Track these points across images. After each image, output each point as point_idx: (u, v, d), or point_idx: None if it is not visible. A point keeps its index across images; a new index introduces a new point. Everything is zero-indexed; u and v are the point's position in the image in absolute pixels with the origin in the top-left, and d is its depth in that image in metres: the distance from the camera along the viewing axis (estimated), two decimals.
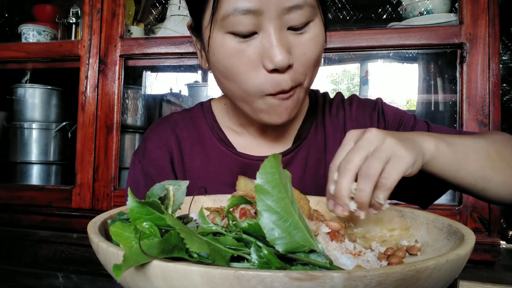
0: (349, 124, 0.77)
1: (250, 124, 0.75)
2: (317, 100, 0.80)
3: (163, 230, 0.36)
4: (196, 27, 0.66)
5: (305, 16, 0.57)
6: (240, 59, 0.58)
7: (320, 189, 0.69)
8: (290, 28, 0.58)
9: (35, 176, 1.67)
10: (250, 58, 0.58)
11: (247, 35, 0.57)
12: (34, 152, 1.65)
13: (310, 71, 0.62)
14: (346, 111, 0.78)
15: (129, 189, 0.36)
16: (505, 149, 0.61)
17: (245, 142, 0.76)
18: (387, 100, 1.66)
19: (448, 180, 0.57)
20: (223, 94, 0.81)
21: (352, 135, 0.50)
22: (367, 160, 0.45)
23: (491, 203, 0.92)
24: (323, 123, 0.78)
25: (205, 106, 0.81)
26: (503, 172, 0.58)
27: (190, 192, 0.48)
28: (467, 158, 0.56)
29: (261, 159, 0.70)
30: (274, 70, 0.58)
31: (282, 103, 0.61)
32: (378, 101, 0.80)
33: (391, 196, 0.48)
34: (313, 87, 0.70)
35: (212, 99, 0.83)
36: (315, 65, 0.62)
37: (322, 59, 1.79)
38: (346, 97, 0.82)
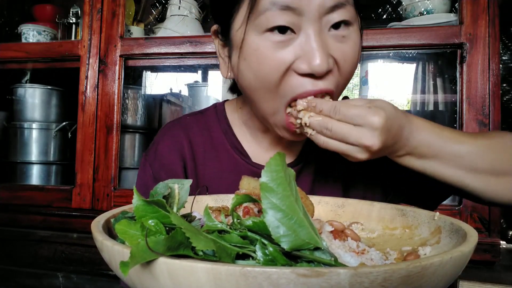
0: None
1: (265, 134, 0.73)
2: None
3: (168, 228, 0.36)
4: (223, 31, 0.63)
5: (346, 15, 0.55)
6: (273, 62, 0.55)
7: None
8: (330, 29, 0.55)
9: (35, 176, 1.67)
10: (284, 61, 0.54)
11: (284, 32, 0.54)
12: (34, 152, 1.65)
13: (345, 81, 0.59)
14: None
15: (134, 187, 0.36)
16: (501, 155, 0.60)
17: (258, 151, 0.74)
18: (386, 100, 1.66)
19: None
20: (237, 96, 0.80)
21: (361, 103, 0.53)
22: (345, 125, 0.51)
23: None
24: None
25: (219, 110, 0.78)
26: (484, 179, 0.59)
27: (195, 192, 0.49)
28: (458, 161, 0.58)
29: None
30: (308, 75, 0.54)
31: None
32: None
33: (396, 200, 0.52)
34: None
35: (226, 100, 0.81)
36: (350, 75, 0.60)
37: None
38: None
